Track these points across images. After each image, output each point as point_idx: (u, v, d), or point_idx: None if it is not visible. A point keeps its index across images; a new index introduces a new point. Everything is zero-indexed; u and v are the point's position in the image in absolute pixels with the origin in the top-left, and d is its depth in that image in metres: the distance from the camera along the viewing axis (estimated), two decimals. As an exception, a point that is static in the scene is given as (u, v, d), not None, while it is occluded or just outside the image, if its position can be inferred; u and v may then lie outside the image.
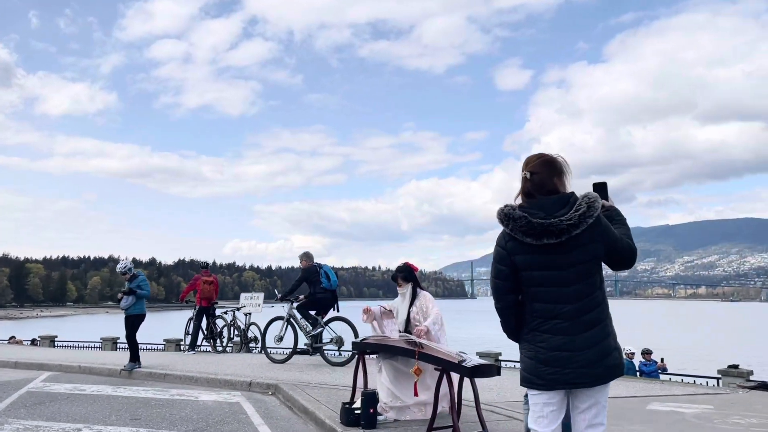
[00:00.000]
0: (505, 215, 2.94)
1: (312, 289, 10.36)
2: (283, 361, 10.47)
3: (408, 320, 5.98)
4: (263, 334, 11.02)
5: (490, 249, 6.13)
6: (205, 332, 13.32)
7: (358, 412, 5.52)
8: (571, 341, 2.88)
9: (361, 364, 6.07)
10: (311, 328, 10.30)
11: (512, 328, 3.11)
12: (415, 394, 5.47)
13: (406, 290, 6.07)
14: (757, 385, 8.32)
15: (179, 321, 17.79)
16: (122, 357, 12.93)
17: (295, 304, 10.39)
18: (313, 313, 10.38)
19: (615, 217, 3.11)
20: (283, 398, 7.61)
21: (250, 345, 13.67)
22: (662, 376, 13.23)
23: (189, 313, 13.88)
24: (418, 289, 6.09)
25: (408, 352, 5.37)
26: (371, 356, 6.30)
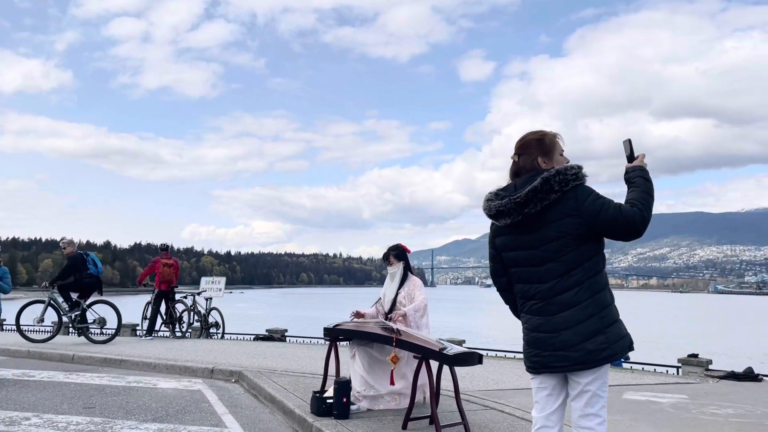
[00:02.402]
0: (483, 199, 2.94)
1: (79, 275, 11.08)
2: (45, 341, 11.12)
3: (394, 303, 5.71)
4: (18, 316, 11.37)
5: (451, 238, 5.99)
6: (164, 317, 12.83)
7: (330, 401, 5.24)
8: (547, 322, 2.78)
9: (333, 351, 5.79)
10: (70, 309, 11.11)
11: (513, 310, 3.10)
12: (392, 383, 5.23)
13: (396, 269, 5.80)
14: (726, 375, 8.37)
15: (134, 306, 17.20)
16: (75, 341, 12.37)
17: (55, 288, 11.12)
18: (76, 296, 11.17)
19: (632, 179, 2.87)
20: (248, 386, 7.28)
21: (211, 331, 13.26)
22: (624, 365, 13.35)
23: (146, 298, 13.39)
24: (409, 273, 5.83)
25: (384, 339, 5.11)
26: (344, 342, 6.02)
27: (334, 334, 5.74)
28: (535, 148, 2.89)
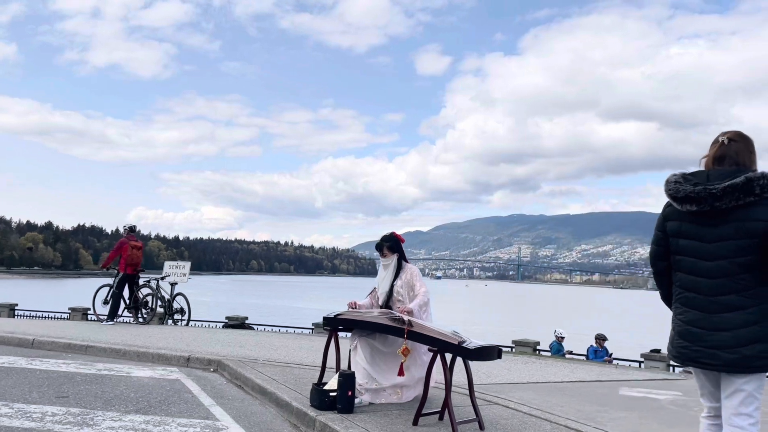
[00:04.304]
0: (666, 180, 2.94)
1: None
2: None
3: (390, 294, 5.47)
4: None
5: (403, 229, 5.80)
6: (127, 301, 12.22)
7: (333, 394, 4.97)
8: (705, 318, 2.77)
9: (333, 341, 5.51)
10: None
11: (664, 296, 3.09)
12: (400, 375, 5.00)
13: (390, 261, 5.54)
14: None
15: (78, 288, 16.40)
16: (30, 325, 11.69)
17: None
18: None
19: None
20: (230, 376, 6.93)
21: (175, 317, 12.74)
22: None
23: (89, 281, 12.76)
24: (403, 262, 5.59)
25: (394, 331, 4.88)
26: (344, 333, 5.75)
27: (334, 324, 5.47)
28: (749, 145, 2.88)
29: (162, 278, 13.08)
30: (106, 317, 11.93)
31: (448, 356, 4.71)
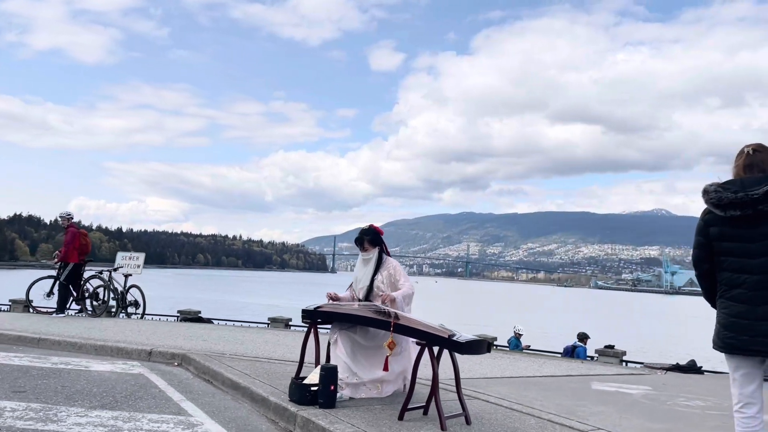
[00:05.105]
0: (704, 190, 3.20)
1: None
2: None
3: (370, 288, 5.34)
4: None
5: (354, 225, 5.70)
6: (75, 293, 11.68)
7: (315, 388, 4.83)
8: (751, 311, 3.04)
9: (313, 335, 5.35)
10: None
11: (709, 295, 3.33)
12: (385, 369, 4.90)
13: (371, 255, 5.40)
14: (671, 368, 8.70)
15: (15, 280, 15.61)
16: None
17: None
18: None
19: None
20: (197, 370, 6.69)
21: (129, 310, 12.28)
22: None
23: (31, 273, 12.15)
24: (385, 256, 5.46)
25: (380, 324, 4.76)
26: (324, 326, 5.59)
27: (314, 317, 5.30)
28: None
29: (115, 269, 12.59)
30: (55, 310, 11.38)
31: (435, 350, 4.64)
